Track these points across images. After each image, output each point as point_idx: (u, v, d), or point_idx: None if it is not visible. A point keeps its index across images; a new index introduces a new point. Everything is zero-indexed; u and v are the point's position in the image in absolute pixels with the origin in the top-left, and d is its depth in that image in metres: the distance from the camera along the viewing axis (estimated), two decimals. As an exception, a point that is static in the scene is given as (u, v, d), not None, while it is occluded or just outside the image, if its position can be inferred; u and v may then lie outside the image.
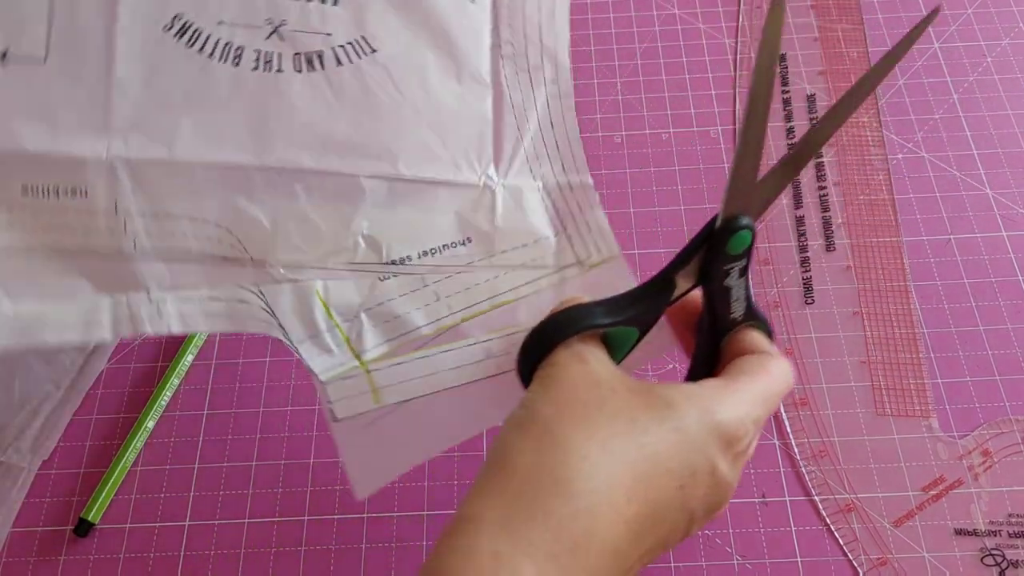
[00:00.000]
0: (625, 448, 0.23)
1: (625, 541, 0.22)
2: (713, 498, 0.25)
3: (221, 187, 0.30)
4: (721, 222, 0.27)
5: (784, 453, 0.41)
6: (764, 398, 0.26)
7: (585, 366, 0.25)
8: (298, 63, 0.31)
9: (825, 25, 0.56)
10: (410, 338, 0.31)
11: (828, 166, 0.50)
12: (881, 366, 0.43)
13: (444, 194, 0.32)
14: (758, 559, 0.39)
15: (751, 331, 0.29)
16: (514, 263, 0.33)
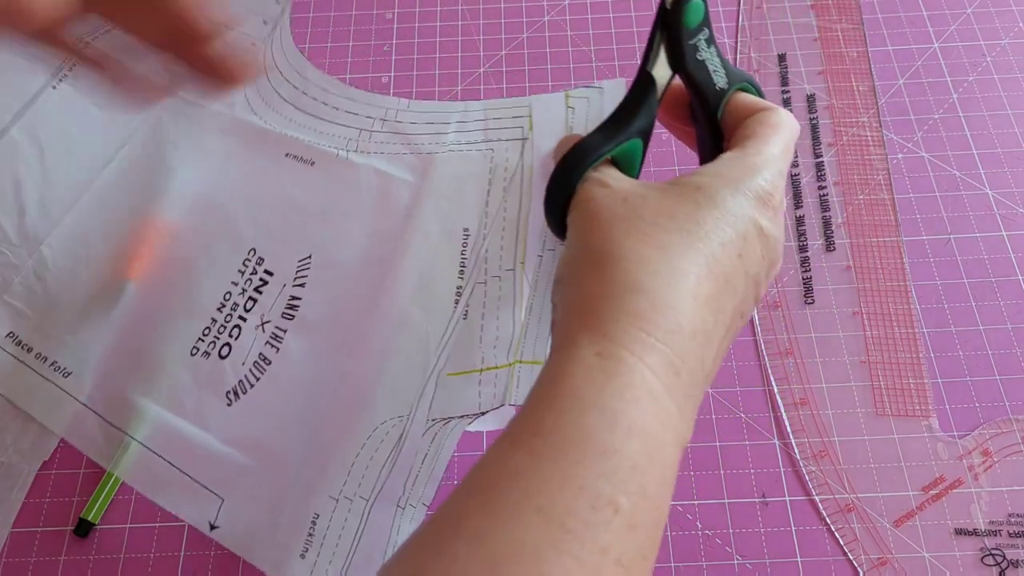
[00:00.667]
0: (676, 240, 0.23)
1: (709, 320, 0.23)
2: (769, 255, 0.26)
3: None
4: (671, 1, 0.28)
5: (784, 453, 0.41)
6: (781, 151, 0.27)
7: (608, 189, 0.25)
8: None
9: (825, 25, 0.56)
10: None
11: (828, 166, 0.50)
12: (881, 366, 0.43)
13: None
14: (758, 559, 0.39)
15: (740, 94, 0.30)
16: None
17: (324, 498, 0.35)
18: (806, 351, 0.44)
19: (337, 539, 0.34)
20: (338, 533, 0.34)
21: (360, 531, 0.34)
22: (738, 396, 0.43)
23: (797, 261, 0.47)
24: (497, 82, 0.55)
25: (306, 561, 0.34)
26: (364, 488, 0.34)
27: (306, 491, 0.35)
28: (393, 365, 0.36)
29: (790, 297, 0.46)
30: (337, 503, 0.34)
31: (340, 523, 0.34)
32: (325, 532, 0.34)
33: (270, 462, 0.38)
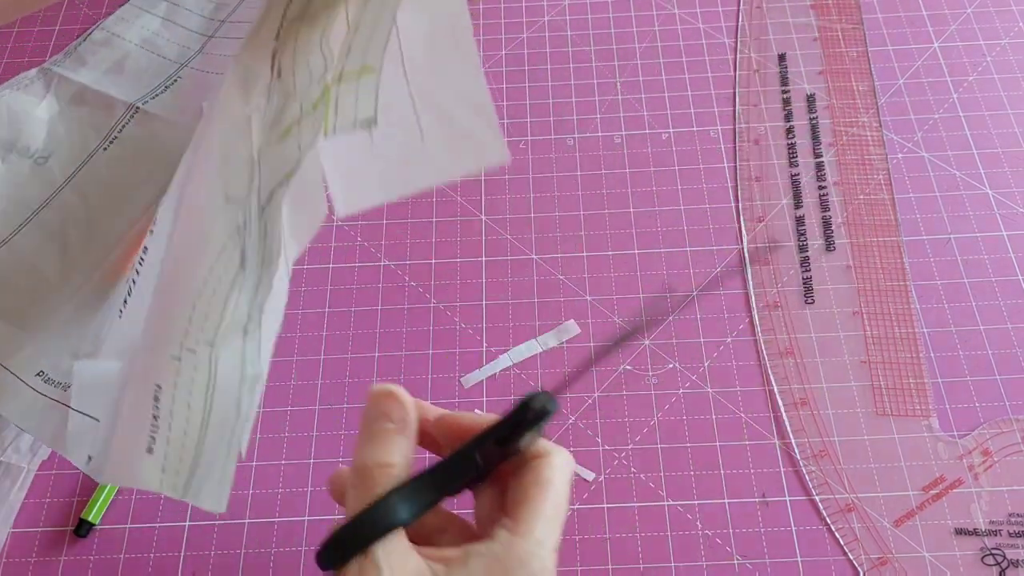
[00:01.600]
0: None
1: None
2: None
3: None
4: (539, 407, 0.27)
5: (784, 453, 0.41)
6: (552, 514, 0.27)
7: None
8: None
9: (825, 25, 0.56)
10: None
11: (828, 166, 0.50)
12: (881, 366, 0.43)
13: None
14: (758, 559, 0.39)
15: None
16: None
17: (163, 361, 0.28)
18: (806, 351, 0.44)
19: (186, 408, 0.27)
20: (186, 400, 0.27)
21: (211, 387, 0.27)
22: (738, 396, 0.43)
23: (797, 261, 0.47)
24: (497, 82, 0.55)
25: (155, 455, 0.27)
26: (207, 331, 0.28)
27: (145, 367, 0.29)
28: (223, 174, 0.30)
29: (790, 297, 0.46)
30: (180, 361, 0.27)
31: (186, 386, 0.27)
32: (171, 407, 0.27)
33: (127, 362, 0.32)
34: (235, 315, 0.27)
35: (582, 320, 0.45)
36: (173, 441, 0.27)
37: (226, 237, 0.28)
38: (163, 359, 0.28)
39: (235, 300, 0.28)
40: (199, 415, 0.27)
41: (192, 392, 0.27)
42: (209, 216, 0.29)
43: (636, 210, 0.49)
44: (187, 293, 0.28)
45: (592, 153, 0.52)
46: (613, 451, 0.42)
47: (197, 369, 0.27)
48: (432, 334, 0.45)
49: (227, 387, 0.27)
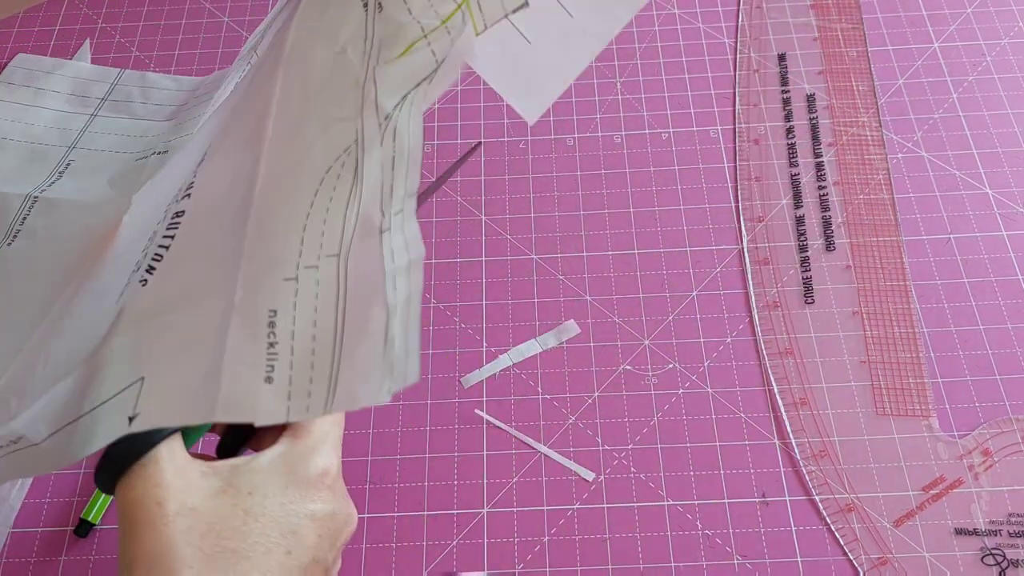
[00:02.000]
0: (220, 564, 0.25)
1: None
2: (329, 533, 0.27)
3: None
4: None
5: (784, 453, 0.41)
6: (332, 421, 0.29)
7: (160, 506, 0.25)
8: None
9: (825, 24, 0.56)
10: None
11: (828, 166, 0.50)
12: (881, 366, 0.43)
13: None
14: (758, 559, 0.39)
15: None
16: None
17: (276, 284, 0.26)
18: (806, 351, 0.44)
19: (312, 325, 0.26)
20: (311, 317, 0.26)
21: (341, 295, 0.26)
22: (738, 396, 0.43)
23: (797, 261, 0.47)
24: (497, 82, 0.55)
25: (275, 383, 0.25)
26: (329, 245, 0.27)
27: (250, 293, 0.27)
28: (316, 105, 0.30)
29: (790, 297, 0.46)
30: (297, 281, 0.26)
31: (310, 303, 0.26)
32: (292, 328, 0.26)
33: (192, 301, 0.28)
34: (361, 224, 0.28)
35: (582, 320, 0.45)
36: (297, 363, 0.25)
37: (332, 159, 0.29)
38: (274, 283, 0.26)
39: (355, 211, 0.28)
40: (331, 328, 0.26)
41: (318, 307, 0.26)
42: (301, 148, 0.29)
43: (636, 210, 0.49)
44: (290, 221, 0.28)
45: (592, 153, 0.52)
46: (613, 451, 0.42)
47: (320, 283, 0.26)
48: (432, 334, 0.45)
49: (365, 291, 0.27)
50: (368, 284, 0.27)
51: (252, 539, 0.25)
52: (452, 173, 0.31)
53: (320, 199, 0.28)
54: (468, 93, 0.54)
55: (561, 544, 0.40)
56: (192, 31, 0.59)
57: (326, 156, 0.29)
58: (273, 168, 0.29)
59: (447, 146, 0.52)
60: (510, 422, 0.43)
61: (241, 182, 0.30)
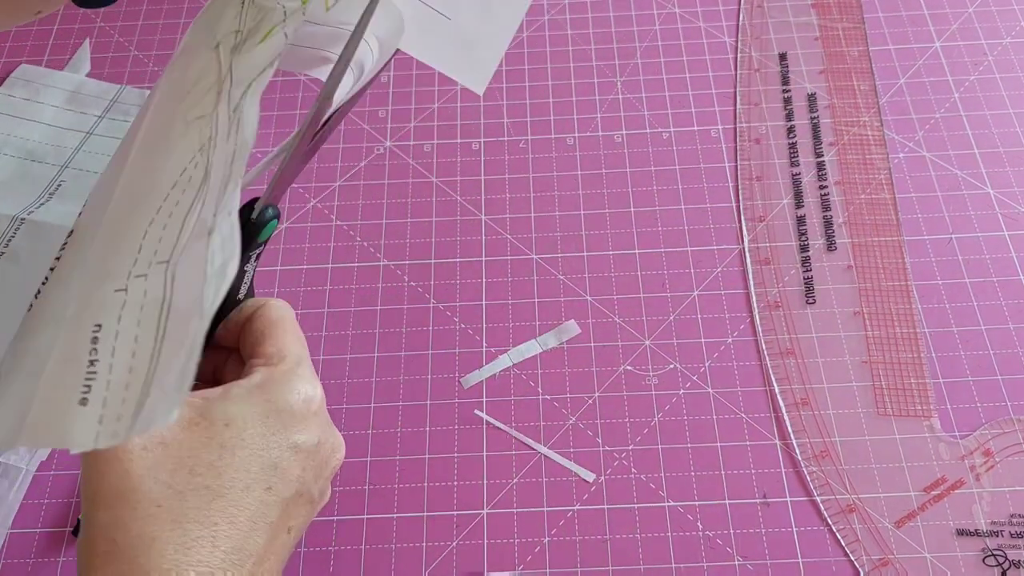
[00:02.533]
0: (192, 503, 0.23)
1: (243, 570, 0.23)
2: (315, 464, 0.26)
3: None
4: (259, 213, 0.28)
5: (785, 453, 0.41)
6: (295, 340, 0.28)
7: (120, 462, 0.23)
8: None
9: (826, 24, 0.56)
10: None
11: (829, 165, 0.50)
12: (882, 366, 0.43)
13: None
14: (759, 560, 0.39)
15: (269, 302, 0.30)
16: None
17: (106, 297, 0.24)
18: (807, 351, 0.44)
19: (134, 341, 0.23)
20: (133, 332, 0.23)
21: (165, 305, 0.24)
22: (739, 396, 0.43)
23: (798, 261, 0.47)
24: (497, 81, 0.55)
25: (90, 405, 0.23)
26: (163, 252, 0.24)
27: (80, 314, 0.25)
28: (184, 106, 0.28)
29: (791, 297, 0.46)
30: (127, 292, 0.24)
31: (134, 315, 0.24)
32: (114, 343, 0.23)
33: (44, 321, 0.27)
34: (196, 226, 0.25)
35: (582, 320, 0.45)
36: (115, 383, 0.23)
37: (187, 161, 0.26)
38: (105, 296, 0.24)
39: (196, 212, 0.25)
40: (150, 342, 0.23)
41: (141, 320, 0.24)
42: (163, 150, 0.27)
43: (636, 209, 0.49)
44: (136, 227, 0.26)
45: (592, 152, 0.51)
46: (613, 452, 0.42)
47: (147, 293, 0.24)
48: (432, 334, 0.45)
49: (186, 300, 0.24)
50: (191, 292, 0.24)
51: (229, 475, 0.24)
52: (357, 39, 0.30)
53: (168, 204, 0.26)
54: (467, 92, 0.54)
55: (561, 545, 0.39)
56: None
57: (182, 158, 0.27)
58: (133, 176, 0.28)
59: (447, 145, 0.52)
60: (510, 423, 0.43)
61: (106, 195, 0.29)
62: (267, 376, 0.26)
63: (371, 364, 0.45)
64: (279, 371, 0.26)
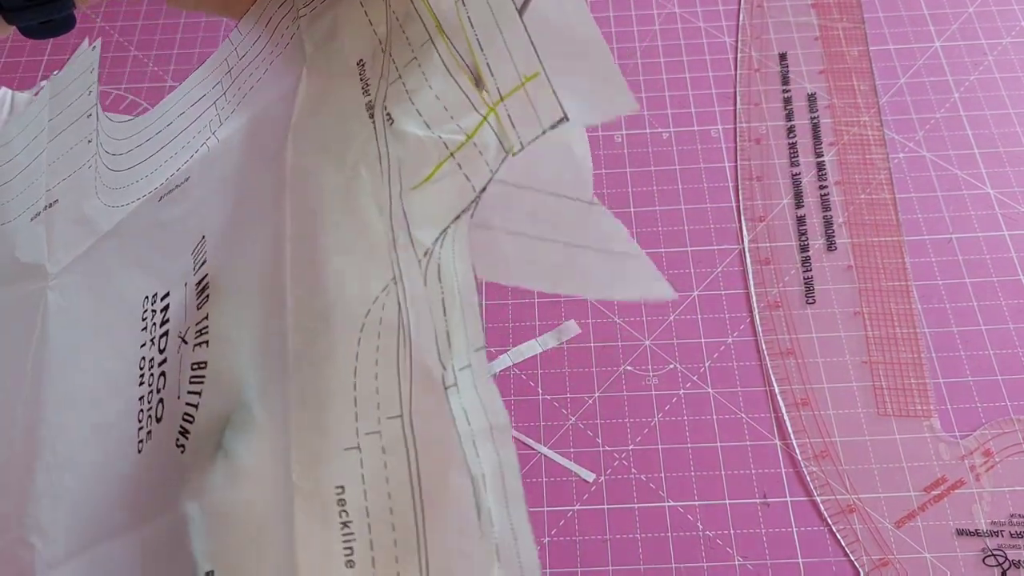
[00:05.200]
0: None
1: None
2: None
3: None
4: None
5: (785, 454, 0.41)
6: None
7: None
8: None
9: (826, 24, 0.56)
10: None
11: (829, 165, 0.50)
12: (882, 366, 0.43)
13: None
14: (759, 560, 0.39)
15: None
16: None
17: (338, 455, 0.24)
18: (807, 351, 0.44)
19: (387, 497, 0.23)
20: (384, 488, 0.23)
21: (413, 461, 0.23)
22: (739, 397, 0.43)
23: (798, 261, 0.47)
24: (497, 81, 0.55)
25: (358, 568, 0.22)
26: (388, 406, 0.24)
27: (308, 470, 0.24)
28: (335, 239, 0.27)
29: (791, 297, 0.46)
30: (360, 450, 0.23)
31: (379, 472, 0.23)
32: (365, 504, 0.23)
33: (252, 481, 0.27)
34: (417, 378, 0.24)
35: (582, 320, 0.45)
36: (379, 541, 0.23)
37: (369, 302, 0.25)
38: (334, 455, 0.23)
39: (407, 363, 0.24)
40: (407, 498, 0.23)
41: (389, 477, 0.23)
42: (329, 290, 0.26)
43: (636, 209, 0.49)
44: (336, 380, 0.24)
45: (592, 152, 0.51)
46: (613, 452, 0.42)
47: (387, 450, 0.23)
48: (432, 334, 0.45)
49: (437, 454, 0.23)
50: (440, 446, 0.24)
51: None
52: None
53: (365, 350, 0.25)
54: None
55: (561, 545, 0.39)
56: (191, 31, 0.59)
57: (362, 299, 0.25)
58: (302, 321, 0.26)
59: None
60: (510, 423, 0.43)
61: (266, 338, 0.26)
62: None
63: (371, 364, 0.45)
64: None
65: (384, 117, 0.27)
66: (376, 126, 0.27)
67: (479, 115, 0.26)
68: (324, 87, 0.29)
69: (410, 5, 0.29)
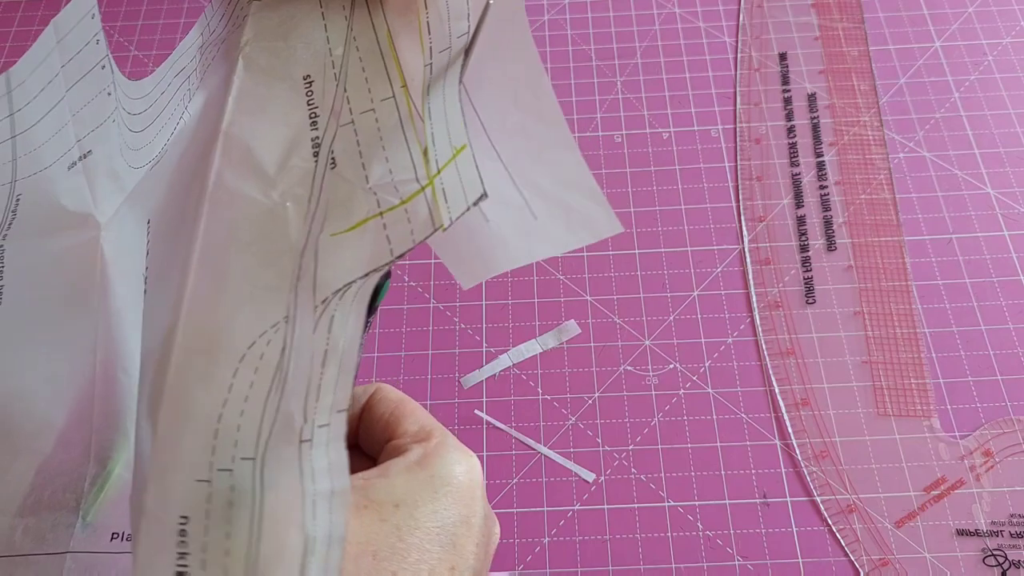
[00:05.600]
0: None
1: None
2: (484, 541, 0.24)
3: None
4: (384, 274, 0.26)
5: (785, 453, 0.41)
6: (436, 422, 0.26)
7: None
8: None
9: (826, 24, 0.56)
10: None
11: (829, 165, 0.50)
12: (882, 366, 0.43)
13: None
14: (759, 560, 0.39)
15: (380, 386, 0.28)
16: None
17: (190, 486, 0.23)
18: (807, 351, 0.44)
19: (226, 538, 0.23)
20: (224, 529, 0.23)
21: (257, 508, 0.23)
22: (739, 397, 0.43)
23: (798, 261, 0.47)
24: (497, 81, 0.55)
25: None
26: (245, 445, 0.24)
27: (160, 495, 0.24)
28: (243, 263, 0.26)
29: (791, 297, 0.46)
30: (211, 484, 0.23)
31: (222, 513, 0.23)
32: (204, 539, 0.23)
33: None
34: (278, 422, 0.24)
35: (582, 320, 0.45)
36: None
37: (256, 334, 0.25)
38: (186, 485, 0.23)
39: (275, 405, 0.24)
40: (243, 546, 0.23)
41: (232, 519, 0.23)
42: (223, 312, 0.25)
43: (637, 209, 0.49)
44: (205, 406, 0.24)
45: (592, 152, 0.51)
46: (613, 452, 0.42)
47: (235, 491, 0.23)
48: (432, 334, 0.45)
49: (280, 508, 0.23)
50: (283, 501, 0.23)
51: (413, 558, 0.22)
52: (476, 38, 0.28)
53: (239, 383, 0.24)
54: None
55: (561, 545, 0.39)
56: (191, 30, 0.58)
57: (250, 329, 0.25)
58: (190, 338, 0.25)
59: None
60: (510, 423, 0.43)
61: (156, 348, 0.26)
62: (424, 451, 0.25)
63: (371, 364, 0.45)
64: (434, 445, 0.25)
65: (328, 159, 0.27)
66: (318, 166, 0.27)
67: (418, 184, 0.26)
68: (266, 93, 0.28)
69: (375, 42, 0.29)
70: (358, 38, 0.30)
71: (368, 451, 0.27)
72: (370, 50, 0.29)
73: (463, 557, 0.23)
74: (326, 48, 0.30)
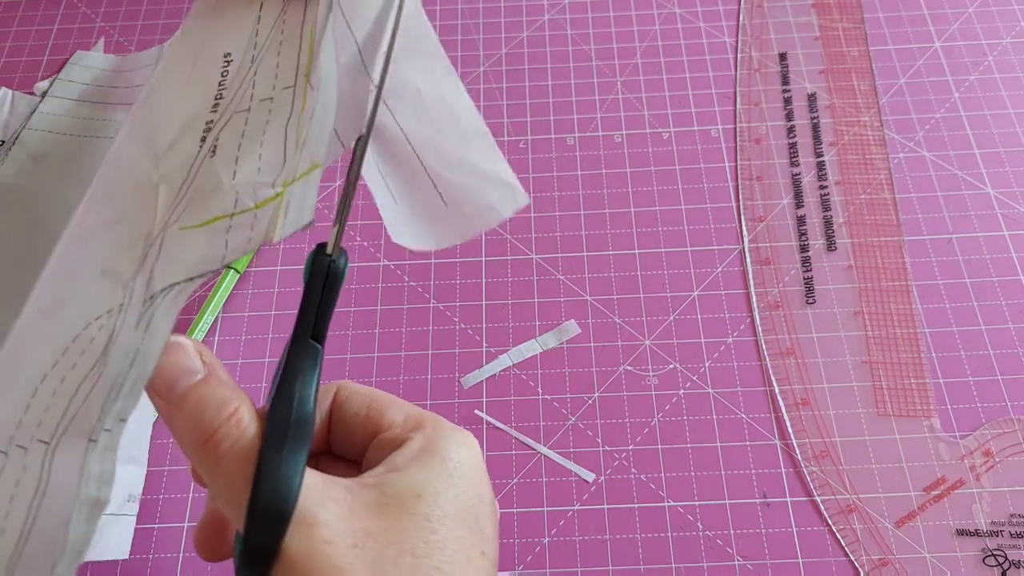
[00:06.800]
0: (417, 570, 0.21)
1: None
2: (495, 521, 0.24)
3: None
4: (340, 258, 0.25)
5: (785, 454, 0.41)
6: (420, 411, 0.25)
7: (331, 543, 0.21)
8: None
9: (826, 24, 0.56)
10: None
11: (829, 165, 0.50)
12: (882, 366, 0.43)
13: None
14: (759, 560, 0.39)
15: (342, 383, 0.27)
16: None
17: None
18: (807, 351, 0.44)
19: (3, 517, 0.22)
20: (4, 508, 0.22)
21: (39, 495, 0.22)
22: (739, 397, 0.43)
23: (798, 261, 0.47)
24: (497, 81, 0.55)
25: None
26: (45, 427, 0.23)
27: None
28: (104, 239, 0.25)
29: (791, 297, 0.46)
30: (6, 456, 0.23)
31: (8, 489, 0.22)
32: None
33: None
34: (81, 414, 0.22)
35: (582, 320, 0.45)
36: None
37: (91, 317, 0.24)
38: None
39: (85, 393, 0.23)
40: (17, 529, 0.22)
41: (14, 497, 0.22)
42: (79, 285, 0.24)
43: (637, 209, 0.49)
44: (27, 378, 0.23)
45: (592, 152, 0.51)
46: (613, 452, 0.42)
47: (26, 470, 0.22)
48: (432, 334, 0.45)
49: (58, 501, 0.22)
50: (62, 498, 0.22)
51: (451, 548, 0.21)
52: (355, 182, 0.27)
53: (63, 363, 0.23)
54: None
55: (561, 545, 0.39)
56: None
57: (87, 311, 0.24)
58: (40, 298, 0.25)
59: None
60: (510, 423, 0.43)
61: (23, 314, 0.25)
62: (425, 437, 0.24)
63: (371, 364, 0.45)
64: (432, 430, 0.24)
65: (212, 146, 0.26)
66: (201, 151, 0.26)
67: (274, 190, 0.25)
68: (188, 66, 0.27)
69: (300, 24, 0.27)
70: (288, 18, 0.29)
71: (344, 453, 0.26)
72: (292, 32, 0.28)
73: (488, 539, 0.23)
74: (253, 29, 0.29)
